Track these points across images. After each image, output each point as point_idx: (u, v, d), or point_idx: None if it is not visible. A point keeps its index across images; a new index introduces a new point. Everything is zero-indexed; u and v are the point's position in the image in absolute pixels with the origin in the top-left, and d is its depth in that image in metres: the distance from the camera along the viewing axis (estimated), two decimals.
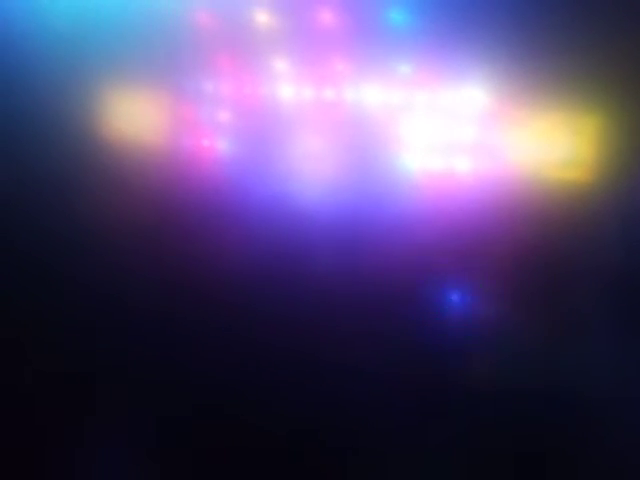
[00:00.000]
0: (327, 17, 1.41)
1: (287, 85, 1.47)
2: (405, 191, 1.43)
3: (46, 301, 1.65)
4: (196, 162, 1.56)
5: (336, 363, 1.48)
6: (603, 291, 1.35)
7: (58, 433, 1.65)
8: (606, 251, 1.33)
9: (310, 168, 1.48)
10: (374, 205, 1.44)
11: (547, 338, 1.38)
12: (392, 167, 1.43)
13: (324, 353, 1.49)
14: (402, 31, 1.38)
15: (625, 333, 1.34)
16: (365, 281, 1.46)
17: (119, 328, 1.60)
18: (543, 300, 1.38)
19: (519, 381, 1.39)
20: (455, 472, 1.45)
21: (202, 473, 1.58)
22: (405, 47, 1.38)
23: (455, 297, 1.46)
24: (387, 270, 1.43)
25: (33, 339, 1.66)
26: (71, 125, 1.59)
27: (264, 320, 1.51)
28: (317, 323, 1.50)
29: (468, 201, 1.38)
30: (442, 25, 1.34)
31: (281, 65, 1.47)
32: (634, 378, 1.34)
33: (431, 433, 1.44)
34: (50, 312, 1.65)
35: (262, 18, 1.45)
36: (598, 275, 1.35)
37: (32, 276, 1.65)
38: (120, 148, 1.60)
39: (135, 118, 1.61)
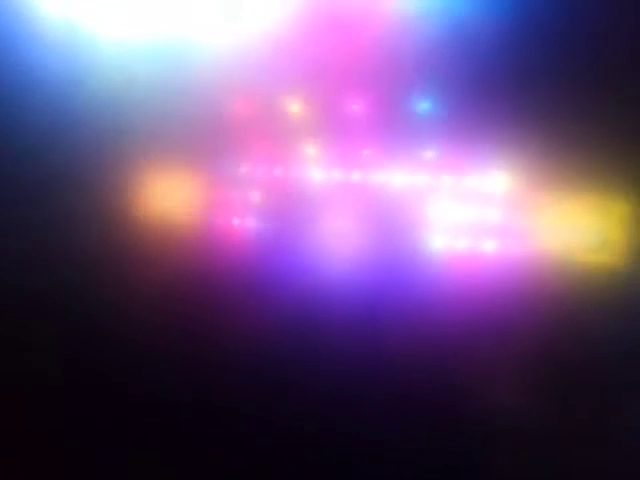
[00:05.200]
0: (355, 106, 1.49)
1: (317, 169, 1.54)
2: (430, 273, 1.44)
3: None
4: (226, 240, 1.61)
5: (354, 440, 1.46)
6: (634, 379, 1.31)
7: None
8: (637, 337, 1.30)
9: (338, 248, 1.51)
10: (399, 285, 1.45)
11: (570, 430, 1.33)
12: (417, 249, 1.45)
13: (345, 428, 1.47)
14: (427, 118, 1.44)
15: None
16: (389, 359, 1.45)
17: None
18: (569, 387, 1.34)
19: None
20: None
21: None
22: (430, 133, 1.44)
23: (478, 378, 1.43)
24: (411, 350, 1.42)
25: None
26: (109, 203, 1.67)
27: (287, 392, 1.50)
28: (339, 399, 1.48)
29: (494, 284, 1.38)
30: (466, 112, 1.40)
31: (311, 150, 1.54)
32: None
33: None
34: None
35: (294, 107, 1.53)
36: (630, 362, 1.31)
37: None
38: (155, 225, 1.67)
39: (171, 197, 1.68)
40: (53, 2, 1.66)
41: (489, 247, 1.41)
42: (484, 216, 1.41)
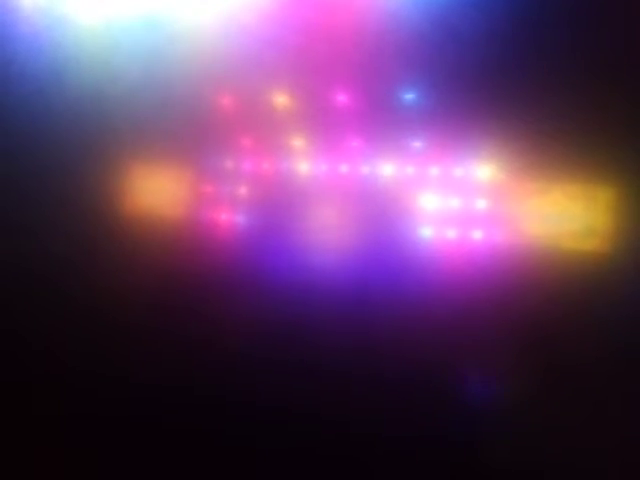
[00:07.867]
0: (342, 97, 1.49)
1: (304, 161, 1.54)
2: (419, 262, 1.45)
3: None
4: (215, 234, 1.62)
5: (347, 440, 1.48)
6: (619, 365, 1.33)
7: None
8: (619, 321, 1.32)
9: (327, 240, 1.51)
10: (389, 275, 1.47)
11: (557, 414, 1.35)
12: (406, 239, 1.46)
13: (335, 429, 1.49)
14: (414, 110, 1.45)
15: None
16: (380, 350, 1.47)
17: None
18: (555, 373, 1.36)
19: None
20: None
21: None
22: (417, 125, 1.45)
23: (467, 365, 1.45)
24: (401, 340, 1.44)
25: None
26: (95, 197, 1.67)
27: (277, 391, 1.52)
28: (329, 396, 1.49)
29: (482, 272, 1.40)
30: (452, 104, 1.40)
31: (299, 143, 1.54)
32: None
33: None
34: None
35: (281, 100, 1.53)
36: (615, 347, 1.33)
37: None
38: (144, 221, 1.67)
39: (160, 193, 1.68)
40: None
41: (477, 236, 1.42)
42: (471, 206, 1.43)
